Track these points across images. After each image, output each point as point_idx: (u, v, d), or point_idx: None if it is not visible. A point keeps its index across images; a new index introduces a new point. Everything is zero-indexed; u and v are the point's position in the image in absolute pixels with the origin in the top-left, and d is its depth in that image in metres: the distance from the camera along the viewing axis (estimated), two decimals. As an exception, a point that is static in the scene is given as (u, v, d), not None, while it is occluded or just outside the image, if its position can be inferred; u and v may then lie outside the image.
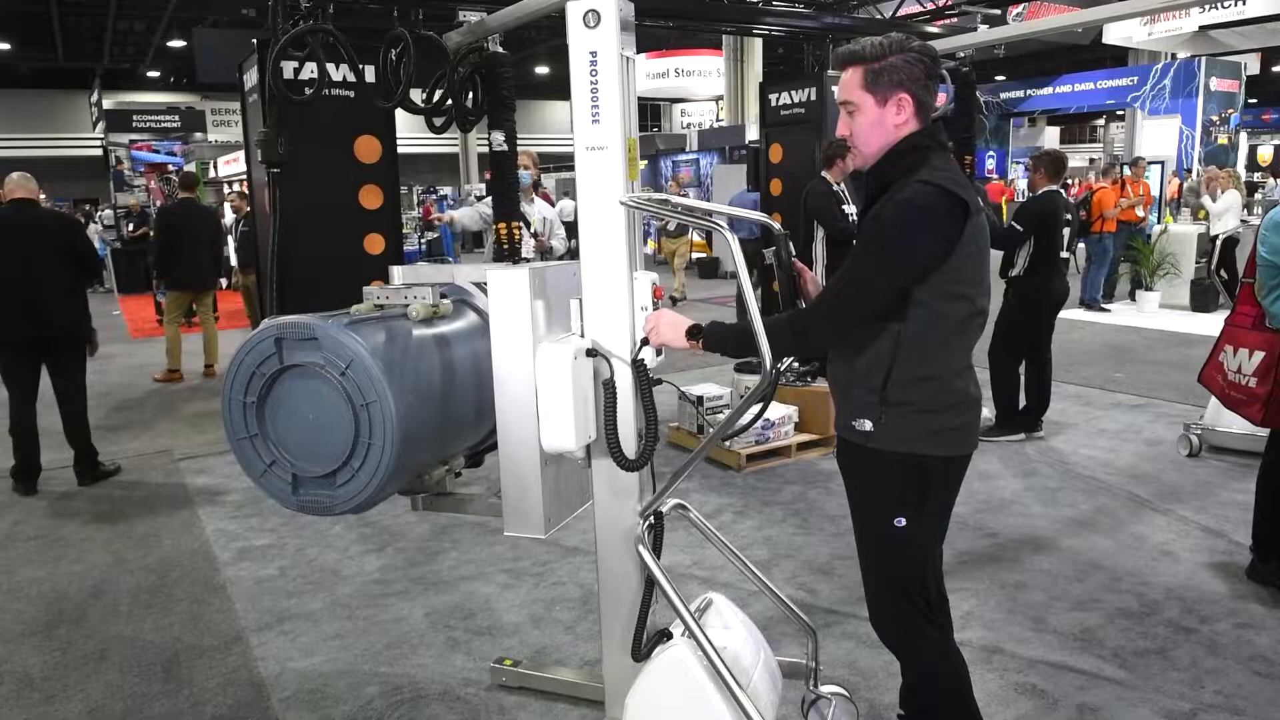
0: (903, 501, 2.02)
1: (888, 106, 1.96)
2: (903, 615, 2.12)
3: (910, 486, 2.02)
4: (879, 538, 2.07)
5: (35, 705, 2.96)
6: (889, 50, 1.94)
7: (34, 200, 5.23)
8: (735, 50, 18.99)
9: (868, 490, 2.08)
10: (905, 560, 2.07)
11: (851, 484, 2.13)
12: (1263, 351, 3.43)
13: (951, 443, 2.02)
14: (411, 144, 19.46)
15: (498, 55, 3.56)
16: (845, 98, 2.01)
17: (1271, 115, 26.70)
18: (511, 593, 3.66)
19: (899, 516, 2.02)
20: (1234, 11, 14.16)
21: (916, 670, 2.21)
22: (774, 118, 7.67)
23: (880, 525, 2.05)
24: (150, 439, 6.25)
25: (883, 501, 2.04)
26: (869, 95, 1.97)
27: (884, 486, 2.03)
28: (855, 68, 1.97)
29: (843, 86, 2.01)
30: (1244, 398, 3.52)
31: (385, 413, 2.28)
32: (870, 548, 2.12)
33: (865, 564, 2.15)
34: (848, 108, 2.01)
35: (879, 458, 2.01)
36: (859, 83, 1.97)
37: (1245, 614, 3.31)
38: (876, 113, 1.97)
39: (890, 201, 1.91)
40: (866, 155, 2.03)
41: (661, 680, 2.21)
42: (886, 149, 1.99)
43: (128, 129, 24.68)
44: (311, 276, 5.05)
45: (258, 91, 5.21)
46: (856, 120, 2.00)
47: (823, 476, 4.97)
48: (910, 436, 1.99)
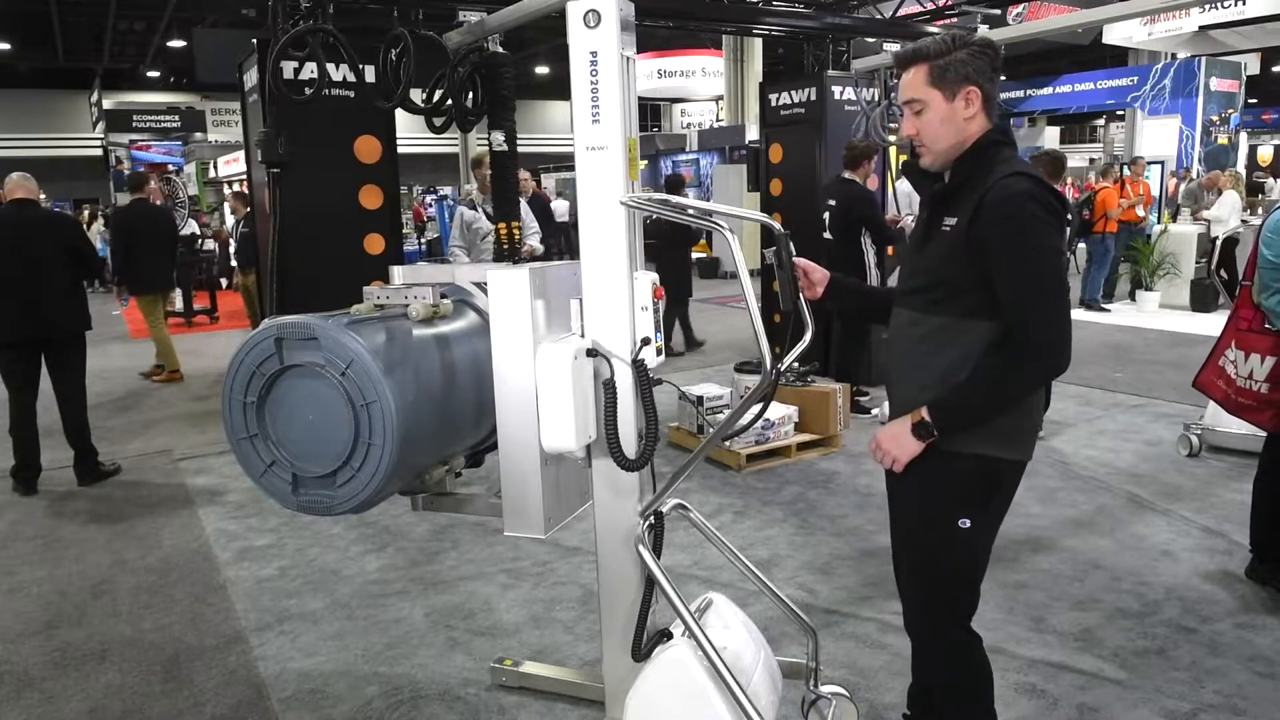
0: (970, 503, 2.01)
1: (956, 101, 1.95)
2: (944, 617, 2.12)
3: (979, 488, 2.01)
4: (940, 539, 2.05)
5: (35, 705, 2.96)
6: (953, 45, 1.94)
7: (34, 200, 5.23)
8: (735, 50, 18.99)
9: (934, 491, 2.04)
10: (964, 562, 2.07)
11: (914, 483, 2.07)
12: (1275, 356, 3.38)
13: (1024, 446, 2.03)
14: (411, 144, 19.46)
15: (498, 55, 3.55)
16: (911, 96, 1.99)
17: (1271, 115, 26.69)
18: (511, 593, 3.66)
19: (964, 518, 2.01)
20: (1234, 11, 14.16)
21: (942, 673, 2.19)
22: (774, 118, 7.67)
23: (943, 527, 2.02)
24: (150, 439, 6.24)
25: (949, 502, 2.01)
26: (936, 91, 1.96)
27: (952, 487, 2.01)
28: (919, 65, 1.97)
29: (907, 86, 1.99)
30: (1254, 403, 3.47)
31: (385, 413, 2.28)
32: (926, 548, 2.09)
33: (914, 563, 2.14)
34: (914, 106, 1.99)
35: (950, 459, 1.99)
36: (924, 80, 1.96)
37: (1245, 614, 3.31)
38: (946, 108, 1.96)
39: (1008, 196, 1.87)
40: (937, 152, 2.01)
41: (661, 680, 2.21)
42: (959, 145, 1.98)
43: (128, 129, 24.74)
44: (311, 276, 5.05)
45: (258, 91, 5.22)
46: (925, 118, 1.98)
47: (823, 476, 4.97)
48: (985, 438, 1.97)
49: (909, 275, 2.13)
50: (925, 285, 2.03)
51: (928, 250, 2.04)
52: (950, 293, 1.97)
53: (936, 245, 2.00)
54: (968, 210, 1.92)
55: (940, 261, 1.99)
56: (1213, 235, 10.39)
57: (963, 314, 1.96)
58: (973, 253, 1.90)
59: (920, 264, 2.07)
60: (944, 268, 1.98)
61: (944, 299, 1.98)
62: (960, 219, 1.93)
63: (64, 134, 27.16)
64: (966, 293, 1.94)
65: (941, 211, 2.00)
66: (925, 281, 2.03)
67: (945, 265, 1.97)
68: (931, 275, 2.01)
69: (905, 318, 2.10)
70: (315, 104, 4.84)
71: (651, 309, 2.29)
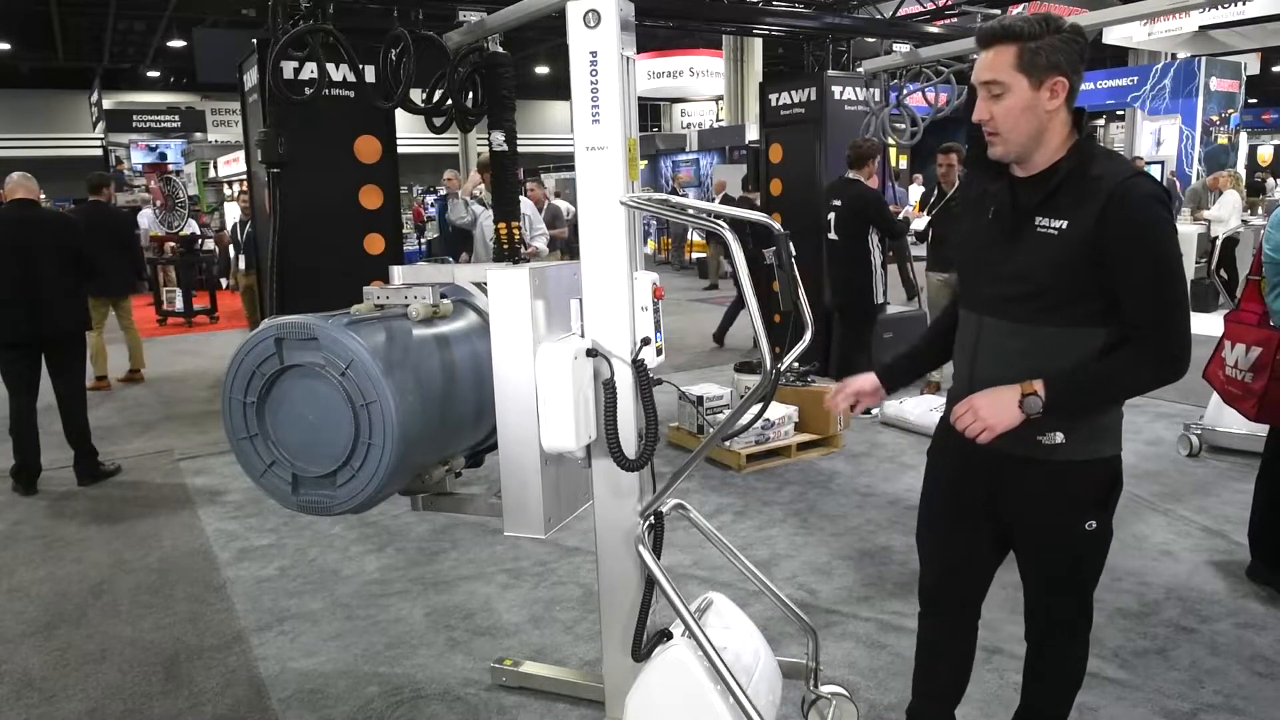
0: (1095, 505, 1.97)
1: (1042, 90, 1.80)
2: (1076, 618, 2.10)
3: (1101, 488, 1.98)
4: (1069, 545, 2.00)
5: (35, 705, 2.96)
6: (1046, 28, 1.79)
7: (34, 200, 5.23)
8: (735, 50, 18.99)
9: (1055, 503, 1.97)
10: (1097, 561, 2.05)
11: (1030, 500, 1.99)
12: (1260, 347, 3.44)
13: (1121, 438, 2.00)
14: (411, 144, 19.44)
15: (498, 55, 3.55)
16: (993, 77, 1.82)
17: (1271, 115, 26.69)
18: (511, 593, 3.66)
19: (1090, 520, 1.97)
20: (1234, 11, 14.16)
21: (1064, 672, 2.16)
22: (774, 118, 7.67)
23: (1070, 534, 1.98)
24: (150, 439, 6.24)
25: (1074, 510, 1.96)
26: (1023, 77, 1.80)
27: (1075, 495, 1.96)
28: (1008, 45, 1.80)
29: (989, 65, 1.83)
30: (1240, 392, 3.55)
31: (385, 413, 2.28)
32: (1057, 557, 2.04)
33: (1041, 573, 2.06)
34: (994, 89, 1.83)
35: (1069, 468, 1.93)
36: (1012, 62, 1.80)
37: (1245, 614, 3.31)
38: (1030, 96, 1.80)
39: (1143, 200, 1.77)
40: (1012, 142, 1.85)
41: (661, 680, 2.21)
42: (1036, 138, 1.84)
43: (128, 129, 24.77)
44: (311, 276, 5.05)
45: (258, 91, 5.21)
46: (1005, 103, 1.82)
47: (823, 476, 4.97)
48: (1099, 441, 1.94)
49: (996, 281, 1.93)
50: (1027, 293, 1.87)
51: (1022, 254, 1.87)
52: (1060, 300, 1.84)
53: (1037, 249, 1.85)
54: (1085, 213, 1.79)
55: (1049, 267, 1.84)
56: (1213, 235, 10.39)
57: (1074, 322, 1.85)
58: (1093, 258, 1.79)
59: (1015, 270, 1.89)
60: (1054, 274, 1.84)
61: (1052, 307, 1.85)
62: (1073, 222, 1.80)
63: (64, 134, 27.15)
64: (1079, 300, 1.83)
65: (1034, 212, 1.86)
66: (1027, 289, 1.87)
67: (1056, 271, 1.83)
68: (1034, 282, 1.86)
69: (1001, 329, 1.94)
70: (315, 104, 4.86)
71: (651, 309, 2.29)
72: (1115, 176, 1.80)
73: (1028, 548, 2.08)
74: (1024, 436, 1.90)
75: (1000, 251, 1.93)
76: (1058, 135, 1.86)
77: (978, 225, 2.01)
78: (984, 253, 1.98)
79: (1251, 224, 10.28)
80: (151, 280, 12.09)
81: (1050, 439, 1.92)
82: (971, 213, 2.06)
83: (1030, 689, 2.23)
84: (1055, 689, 2.19)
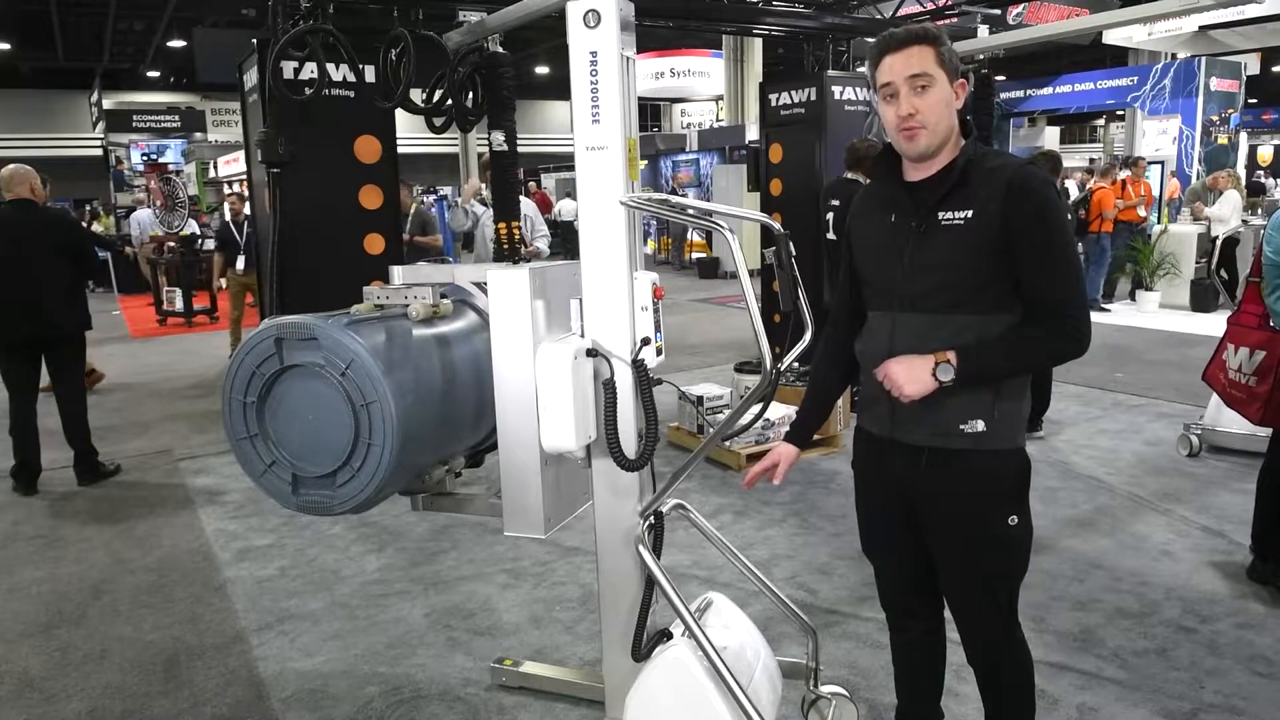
0: (1015, 498, 2.00)
1: (954, 88, 1.91)
2: (1007, 615, 2.10)
3: (1019, 482, 2.01)
4: (995, 540, 2.01)
5: (35, 705, 2.96)
6: (947, 38, 1.92)
7: (34, 200, 5.23)
8: (735, 50, 18.98)
9: (979, 494, 1.99)
10: (1021, 558, 2.06)
11: (955, 491, 2.00)
12: (1264, 351, 3.44)
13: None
14: (411, 144, 19.44)
15: (498, 55, 3.56)
16: (922, 69, 1.87)
17: (1271, 115, 26.70)
18: (511, 593, 3.66)
19: (1012, 515, 1.99)
20: (1234, 11, 14.15)
21: (1010, 673, 2.15)
22: (774, 118, 7.67)
23: (995, 527, 1.99)
24: (150, 439, 6.24)
25: (997, 503, 1.99)
26: (945, 73, 1.89)
27: (997, 487, 1.99)
28: (928, 46, 1.88)
29: (915, 60, 1.87)
30: (1244, 396, 3.54)
31: (385, 413, 2.28)
32: (984, 552, 2.03)
33: (971, 569, 2.06)
34: (920, 81, 1.87)
35: (991, 459, 1.96)
36: (934, 59, 1.88)
37: (1245, 614, 3.31)
38: (949, 91, 1.90)
39: (1040, 183, 1.87)
40: (936, 133, 1.90)
41: (661, 680, 2.21)
42: (949, 133, 1.92)
43: (128, 129, 24.76)
44: (311, 276, 5.05)
45: (258, 91, 5.21)
46: (931, 96, 1.88)
47: (823, 476, 4.97)
48: (1016, 431, 1.98)
49: (909, 278, 1.96)
50: (940, 284, 1.92)
51: (931, 249, 1.92)
52: (973, 289, 1.90)
53: (945, 241, 1.90)
54: (988, 201, 1.86)
55: (960, 255, 1.89)
56: (1213, 235, 10.39)
57: (985, 309, 1.90)
58: (999, 244, 1.86)
59: (926, 263, 1.93)
60: (966, 260, 1.89)
61: (965, 298, 1.91)
62: (977, 211, 1.87)
63: (64, 134, 27.14)
64: (988, 287, 1.89)
65: (937, 208, 1.92)
66: (939, 280, 1.92)
67: (967, 258, 1.89)
68: (946, 273, 1.91)
69: (918, 323, 1.96)
70: (315, 104, 4.86)
71: (651, 309, 2.29)
72: (1011, 167, 1.90)
73: (952, 550, 2.07)
74: (947, 427, 1.95)
75: (909, 250, 1.96)
76: (955, 134, 1.94)
77: (879, 230, 2.04)
78: (891, 254, 2.00)
79: (1252, 224, 10.28)
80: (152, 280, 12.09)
81: (972, 427, 1.94)
82: (866, 220, 2.10)
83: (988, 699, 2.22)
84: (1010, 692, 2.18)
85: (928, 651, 2.34)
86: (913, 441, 2.00)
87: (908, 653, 2.36)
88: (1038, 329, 1.89)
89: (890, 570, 2.27)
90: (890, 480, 2.09)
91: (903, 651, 2.37)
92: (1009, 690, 2.17)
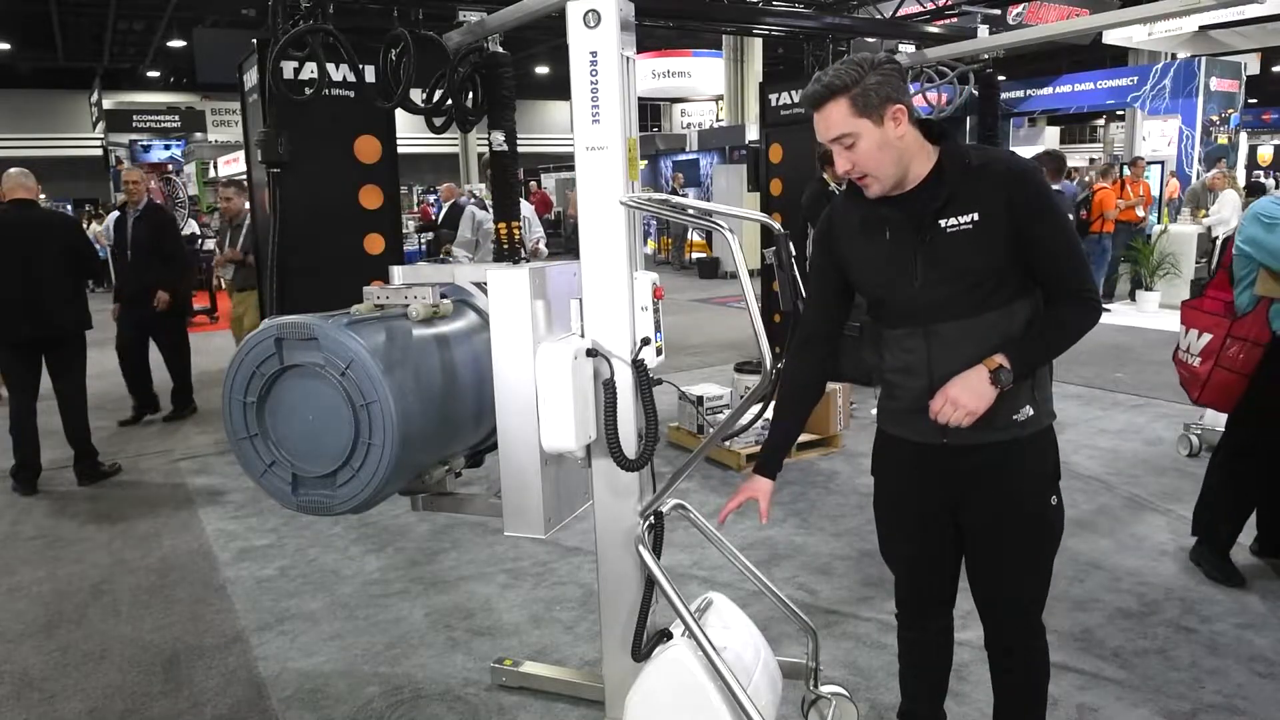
0: (1055, 477, 2.06)
1: (886, 124, 1.86)
2: (1039, 601, 2.14)
3: (1057, 460, 2.06)
4: (1038, 520, 2.06)
5: (35, 705, 2.96)
6: (864, 71, 1.84)
7: (34, 200, 5.23)
8: (735, 50, 18.99)
9: (1029, 478, 2.03)
10: (1058, 537, 2.10)
11: (1010, 477, 2.01)
12: (1210, 333, 3.48)
13: None
14: (411, 144, 19.46)
15: (498, 55, 3.55)
16: (841, 131, 1.87)
17: (1271, 115, 26.68)
18: (511, 593, 3.66)
19: (1053, 494, 2.05)
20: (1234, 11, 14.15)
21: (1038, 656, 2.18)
22: (774, 118, 7.67)
23: (1039, 507, 2.04)
24: (150, 439, 6.24)
25: (1042, 484, 2.04)
26: (865, 120, 1.85)
27: (1042, 468, 2.04)
28: (838, 100, 1.85)
29: (830, 123, 1.87)
30: (1187, 375, 3.60)
31: (385, 413, 2.28)
32: (1029, 535, 2.07)
33: (1020, 554, 2.07)
34: (845, 141, 1.88)
35: (1037, 441, 2.01)
36: (848, 112, 1.86)
37: (1245, 614, 3.31)
38: (879, 134, 1.86)
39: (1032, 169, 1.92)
40: (884, 176, 1.90)
41: (661, 680, 2.21)
42: (903, 164, 1.90)
43: (128, 129, 24.78)
44: (311, 276, 5.05)
45: (258, 91, 5.21)
46: (861, 149, 1.87)
47: (823, 476, 4.97)
48: (1051, 408, 2.03)
49: (929, 289, 1.94)
50: (961, 291, 1.92)
51: (945, 257, 1.91)
52: (995, 285, 1.91)
53: (958, 246, 1.90)
54: (991, 199, 1.87)
55: (977, 257, 1.89)
56: (1213, 235, 10.39)
57: (1006, 301, 1.92)
58: (1010, 237, 1.88)
59: (944, 273, 1.92)
60: (982, 262, 1.90)
61: (989, 293, 1.91)
62: (982, 211, 1.88)
63: (64, 134, 27.17)
64: (1006, 280, 1.92)
65: (937, 217, 1.90)
66: (960, 287, 1.92)
67: (983, 259, 1.89)
68: (966, 278, 1.91)
69: (951, 332, 1.94)
70: (315, 104, 4.86)
71: (651, 309, 2.29)
72: (1000, 161, 1.93)
73: (996, 536, 2.08)
74: (1004, 421, 1.96)
75: (919, 264, 1.94)
76: (919, 151, 1.93)
77: (878, 250, 2.01)
78: (903, 272, 1.97)
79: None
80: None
81: (1023, 414, 1.97)
82: (857, 242, 2.05)
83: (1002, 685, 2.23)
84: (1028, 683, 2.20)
85: (937, 651, 2.35)
86: (969, 442, 1.99)
87: (918, 652, 2.36)
88: (1064, 310, 1.94)
89: (920, 572, 2.25)
90: (932, 481, 2.08)
91: (913, 651, 2.37)
92: (1027, 680, 2.19)
